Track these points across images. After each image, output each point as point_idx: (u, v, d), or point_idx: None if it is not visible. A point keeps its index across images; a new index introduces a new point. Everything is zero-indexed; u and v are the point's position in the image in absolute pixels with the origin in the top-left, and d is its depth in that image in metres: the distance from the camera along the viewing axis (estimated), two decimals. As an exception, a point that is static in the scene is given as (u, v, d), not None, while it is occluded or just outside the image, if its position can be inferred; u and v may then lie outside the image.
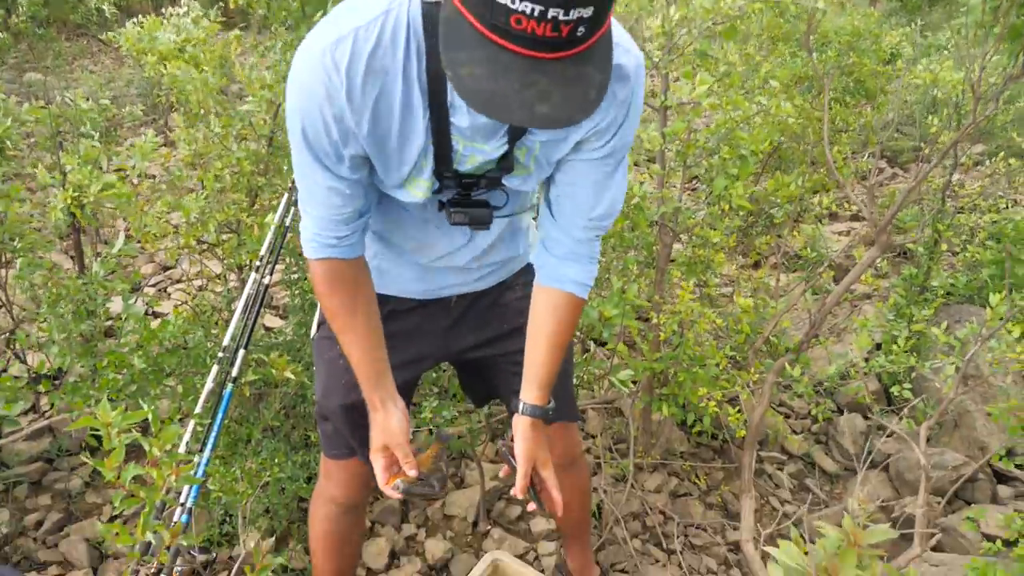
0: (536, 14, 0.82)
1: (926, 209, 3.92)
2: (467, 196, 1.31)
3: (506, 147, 1.24)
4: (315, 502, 1.79)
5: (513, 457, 1.45)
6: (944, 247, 3.77)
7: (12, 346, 3.00)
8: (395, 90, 1.11)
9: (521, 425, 1.45)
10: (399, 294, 1.59)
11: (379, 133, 1.15)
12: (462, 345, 1.68)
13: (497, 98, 0.88)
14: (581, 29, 0.86)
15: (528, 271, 1.62)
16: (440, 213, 1.35)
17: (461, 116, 1.17)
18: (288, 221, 1.81)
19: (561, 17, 0.83)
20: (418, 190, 1.27)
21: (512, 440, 1.47)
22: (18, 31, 5.87)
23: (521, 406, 1.45)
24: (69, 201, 2.01)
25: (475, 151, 1.23)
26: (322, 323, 1.61)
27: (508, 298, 1.67)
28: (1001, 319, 2.12)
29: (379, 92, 1.10)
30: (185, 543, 1.37)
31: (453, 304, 1.63)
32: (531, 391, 1.45)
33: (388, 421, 1.40)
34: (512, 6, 0.82)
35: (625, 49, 1.18)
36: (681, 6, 2.47)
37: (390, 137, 1.16)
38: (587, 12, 0.84)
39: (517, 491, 1.44)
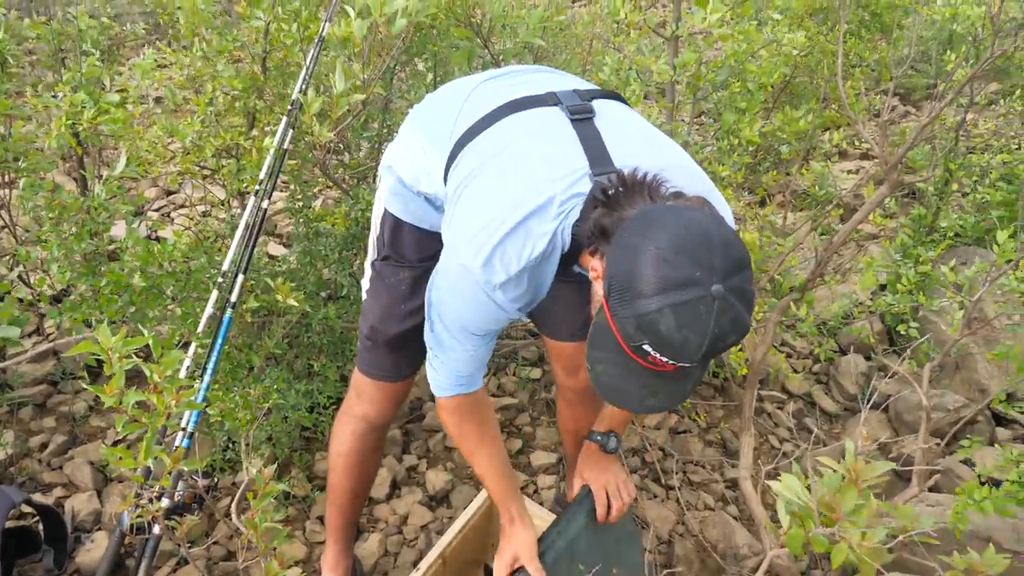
0: (671, 362, 1.03)
1: (938, 148, 3.84)
2: None
3: None
4: (341, 419, 1.83)
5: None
6: (955, 187, 3.71)
7: (14, 267, 3.00)
8: (544, 288, 1.30)
9: (585, 451, 1.70)
10: None
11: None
12: None
13: (620, 393, 1.12)
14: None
15: None
16: None
17: None
18: (287, 144, 1.76)
19: (690, 364, 1.04)
20: None
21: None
22: (16, -60, 5.70)
23: (590, 433, 1.70)
24: (64, 129, 1.96)
25: None
26: (384, 248, 1.65)
27: None
28: (1009, 260, 2.10)
29: (533, 297, 1.29)
30: (186, 468, 1.38)
31: None
32: (597, 423, 1.70)
33: (524, 535, 1.52)
34: (653, 354, 1.02)
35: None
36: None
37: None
38: (713, 355, 1.03)
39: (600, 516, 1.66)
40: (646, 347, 1.02)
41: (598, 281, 1.13)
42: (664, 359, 1.02)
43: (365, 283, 1.73)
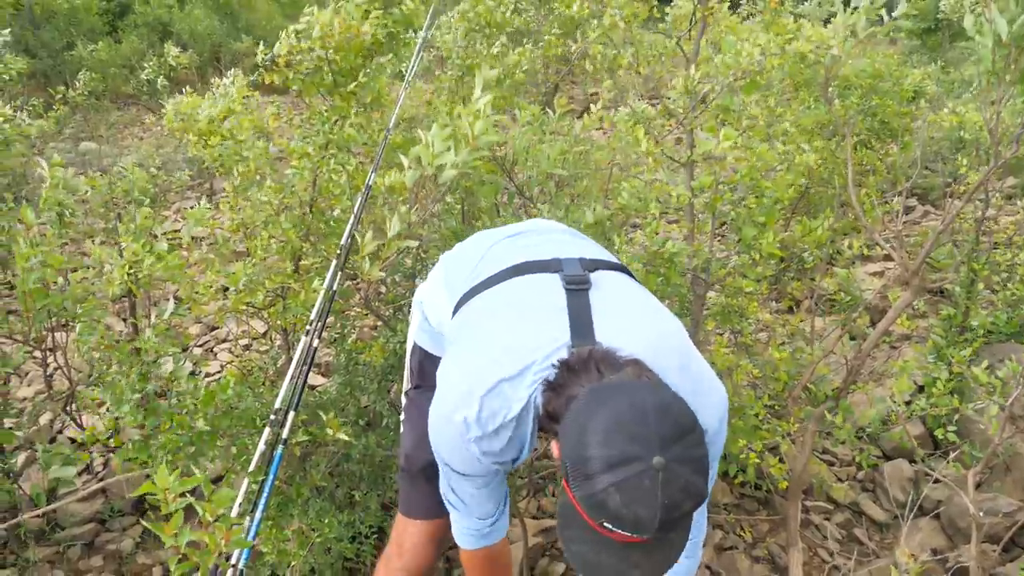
0: (634, 535, 1.03)
1: (959, 247, 3.89)
2: None
3: None
4: (383, 571, 1.79)
5: None
6: (981, 285, 3.73)
7: (68, 408, 3.12)
8: (522, 448, 1.34)
9: None
10: None
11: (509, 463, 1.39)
12: None
13: (600, 568, 1.09)
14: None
15: None
16: None
17: None
18: (335, 286, 1.88)
19: (654, 536, 1.03)
20: None
21: None
22: (75, 104, 6.24)
23: None
24: (126, 277, 2.11)
25: None
26: (414, 377, 1.74)
27: None
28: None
29: (511, 454, 1.34)
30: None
31: None
32: None
33: None
34: (612, 528, 1.03)
35: (705, 404, 1.29)
36: (701, 65, 2.55)
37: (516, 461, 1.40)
38: (675, 523, 1.04)
39: None
40: (604, 524, 1.04)
41: (559, 462, 1.14)
42: (622, 532, 1.03)
43: (403, 414, 1.80)
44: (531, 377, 1.26)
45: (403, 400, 1.81)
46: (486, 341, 1.37)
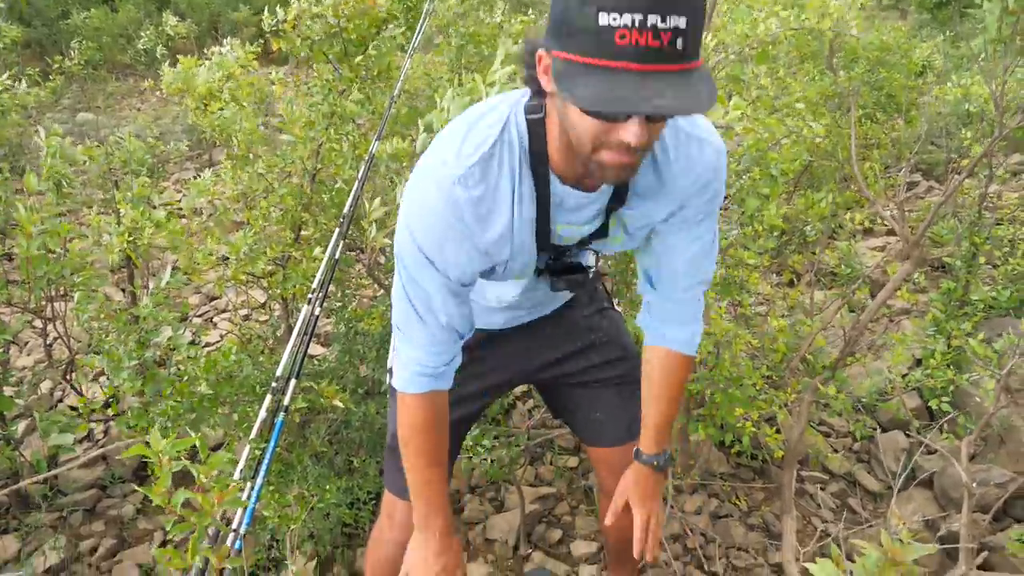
0: (637, 24, 0.91)
1: (962, 222, 3.88)
2: (560, 260, 1.40)
3: (602, 221, 1.33)
4: (375, 544, 1.77)
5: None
6: (983, 260, 3.73)
7: (68, 377, 3.13)
8: (511, 205, 1.24)
9: (633, 472, 1.59)
10: (481, 327, 1.61)
11: (495, 242, 1.27)
12: (536, 365, 1.75)
13: (617, 100, 0.94)
14: (679, 41, 0.93)
15: (594, 287, 1.75)
16: (536, 278, 1.45)
17: (563, 212, 1.28)
18: (338, 255, 1.87)
19: (659, 24, 0.91)
20: (520, 277, 1.39)
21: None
22: (72, 74, 6.16)
23: (636, 453, 1.59)
24: (125, 244, 2.11)
25: (573, 232, 1.34)
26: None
27: (576, 316, 1.74)
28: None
29: (498, 212, 1.23)
30: (231, 567, 1.42)
31: (527, 327, 1.71)
32: (645, 441, 1.58)
33: (450, 551, 1.49)
34: (615, 24, 0.91)
35: (706, 138, 1.28)
36: (716, 33, 2.53)
37: (504, 244, 1.28)
38: (681, 22, 0.93)
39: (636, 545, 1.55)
40: (601, 18, 0.92)
41: (543, 72, 1.07)
42: (622, 20, 0.91)
43: (390, 391, 1.73)
44: (509, 99, 1.21)
45: (388, 376, 1.70)
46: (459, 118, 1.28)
